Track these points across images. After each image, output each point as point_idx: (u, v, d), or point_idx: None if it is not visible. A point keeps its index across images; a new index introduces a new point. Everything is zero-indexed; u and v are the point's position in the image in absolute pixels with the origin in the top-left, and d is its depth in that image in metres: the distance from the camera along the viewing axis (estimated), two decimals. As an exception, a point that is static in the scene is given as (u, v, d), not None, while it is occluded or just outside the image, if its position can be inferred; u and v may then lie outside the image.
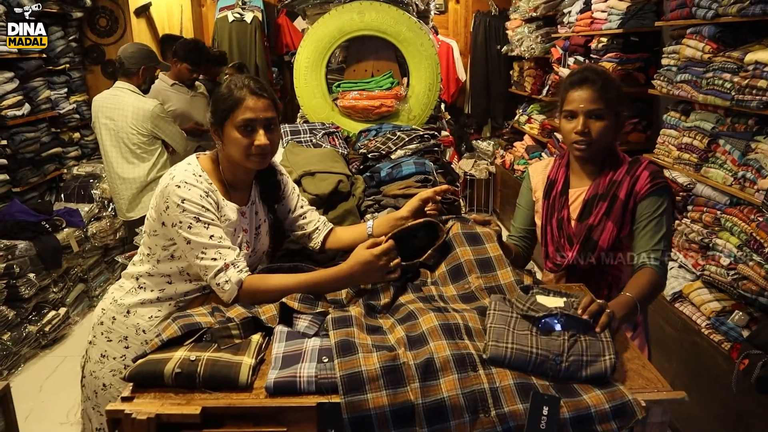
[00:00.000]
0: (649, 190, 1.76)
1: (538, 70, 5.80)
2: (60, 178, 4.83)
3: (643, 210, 1.77)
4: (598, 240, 1.79)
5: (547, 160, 2.03)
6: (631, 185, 1.78)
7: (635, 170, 1.80)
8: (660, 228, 1.75)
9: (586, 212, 1.83)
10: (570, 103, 1.78)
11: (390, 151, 2.55)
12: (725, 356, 2.56)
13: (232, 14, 6.02)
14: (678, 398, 1.20)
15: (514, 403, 1.16)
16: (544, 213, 1.93)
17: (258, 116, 1.61)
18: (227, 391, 1.21)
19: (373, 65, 3.19)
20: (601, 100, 1.74)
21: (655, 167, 1.81)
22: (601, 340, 1.28)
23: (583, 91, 1.76)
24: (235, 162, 1.66)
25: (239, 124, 1.60)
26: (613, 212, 1.79)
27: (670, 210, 1.80)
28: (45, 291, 3.96)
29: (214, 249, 1.55)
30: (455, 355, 1.23)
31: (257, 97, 1.61)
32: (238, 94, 1.60)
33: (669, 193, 1.80)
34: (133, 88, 3.53)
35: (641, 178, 1.78)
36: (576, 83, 1.78)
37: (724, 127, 2.92)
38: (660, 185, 1.77)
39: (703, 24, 2.97)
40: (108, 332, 1.74)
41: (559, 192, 1.89)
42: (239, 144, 1.61)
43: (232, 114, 1.60)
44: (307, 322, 1.38)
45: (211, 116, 1.66)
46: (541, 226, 1.95)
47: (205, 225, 1.56)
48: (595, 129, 1.76)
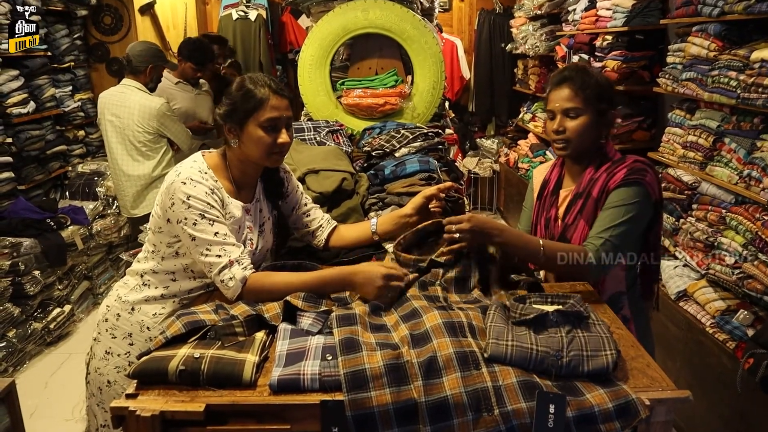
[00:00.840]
0: (618, 183, 1.69)
1: (542, 68, 5.78)
2: (65, 175, 4.84)
3: (608, 201, 1.69)
4: (571, 239, 1.77)
5: (552, 161, 2.02)
6: (605, 182, 1.73)
7: (615, 167, 1.74)
8: (613, 218, 1.65)
9: (567, 211, 1.82)
10: (549, 102, 1.79)
11: (394, 149, 2.55)
12: (730, 355, 2.55)
13: (237, 12, 6.02)
14: (682, 397, 1.19)
15: (517, 401, 1.16)
16: (535, 212, 1.95)
17: (282, 115, 1.63)
18: (231, 388, 1.21)
19: (378, 63, 3.19)
20: (578, 99, 1.72)
21: (639, 165, 1.72)
22: (600, 336, 1.28)
23: (561, 90, 1.75)
24: (252, 160, 1.67)
25: (264, 124, 1.60)
26: (585, 210, 1.75)
27: (638, 209, 1.67)
28: (50, 288, 3.98)
29: (218, 246, 1.55)
30: (458, 353, 1.23)
31: (280, 97, 1.63)
32: (261, 93, 1.61)
33: (641, 190, 1.68)
34: (140, 86, 3.54)
35: (617, 174, 1.71)
36: (555, 83, 1.77)
37: (729, 126, 2.90)
38: (631, 180, 1.68)
39: (708, 22, 2.96)
40: (112, 329, 1.75)
41: (550, 191, 1.90)
42: (263, 142, 1.61)
43: (256, 113, 1.61)
44: (311, 320, 1.38)
45: (228, 115, 1.64)
46: (532, 225, 1.96)
47: (210, 222, 1.56)
48: (570, 127, 1.74)
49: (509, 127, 6.77)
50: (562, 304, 1.41)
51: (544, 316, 1.32)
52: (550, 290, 1.66)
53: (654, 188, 1.71)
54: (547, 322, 1.32)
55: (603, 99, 1.75)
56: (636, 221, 1.69)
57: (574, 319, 1.32)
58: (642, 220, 1.72)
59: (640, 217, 1.70)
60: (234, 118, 1.64)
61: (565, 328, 1.30)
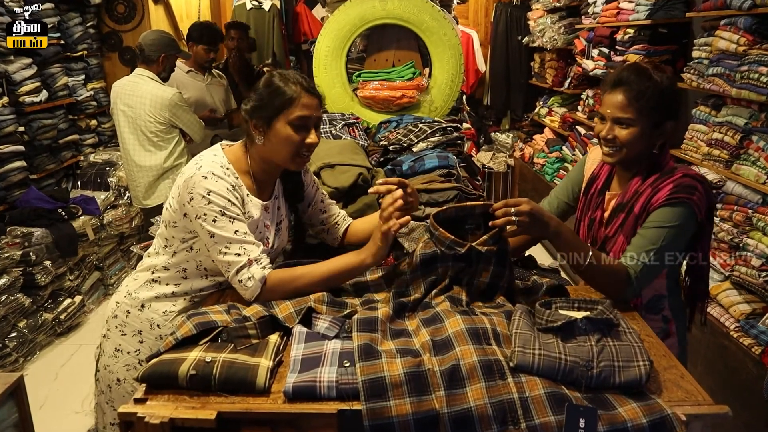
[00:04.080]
0: (662, 203, 1.58)
1: (560, 61, 5.68)
2: (77, 165, 4.82)
3: (650, 218, 1.59)
4: (610, 251, 1.69)
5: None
6: (648, 198, 1.62)
7: (662, 182, 1.61)
8: (654, 240, 1.55)
9: (609, 222, 1.73)
10: (602, 104, 1.66)
11: (411, 144, 2.49)
12: (756, 361, 2.47)
13: (251, 2, 5.96)
14: (721, 413, 1.13)
15: (545, 414, 1.10)
16: (580, 208, 1.85)
17: (312, 114, 1.57)
18: (244, 394, 1.16)
19: (395, 55, 3.12)
20: (631, 108, 1.58)
21: (687, 181, 1.59)
22: (631, 345, 1.22)
23: (616, 95, 1.61)
24: (275, 162, 1.61)
25: (294, 122, 1.54)
26: (625, 226, 1.66)
27: (679, 231, 1.57)
28: (61, 279, 3.96)
29: (238, 244, 1.50)
30: (482, 361, 1.17)
31: (311, 95, 1.57)
32: (292, 90, 1.55)
33: (685, 210, 1.57)
34: (153, 76, 3.49)
35: (662, 191, 1.59)
36: (611, 86, 1.63)
37: (758, 123, 2.81)
38: (676, 200, 1.56)
39: (738, 15, 2.86)
40: (122, 326, 1.71)
41: (598, 190, 1.80)
42: (291, 141, 1.55)
43: (286, 110, 1.54)
44: (327, 323, 1.32)
45: (255, 110, 1.58)
46: (576, 220, 1.87)
47: (231, 219, 1.50)
48: (621, 137, 1.61)
49: (524, 121, 6.68)
50: (591, 311, 1.34)
51: (572, 323, 1.26)
52: (574, 294, 1.59)
53: (701, 207, 1.58)
54: (575, 329, 1.25)
55: (660, 109, 1.60)
56: (676, 243, 1.59)
57: (603, 327, 1.26)
58: (683, 240, 1.61)
59: (680, 239, 1.60)
60: (262, 114, 1.57)
61: (595, 336, 1.24)
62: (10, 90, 3.96)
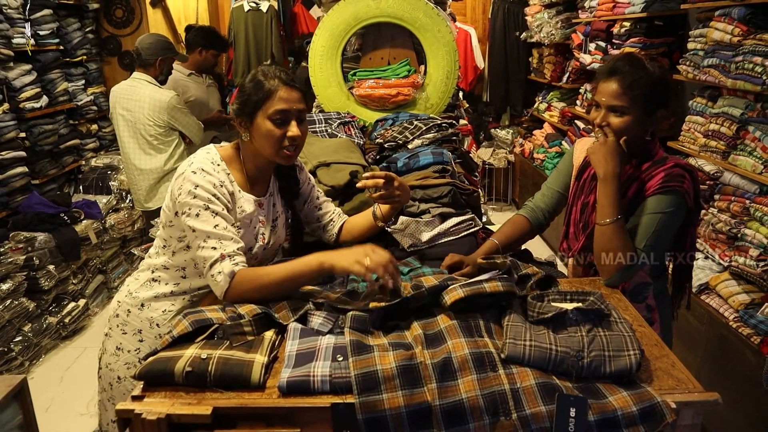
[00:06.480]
0: (654, 191, 1.65)
1: (558, 56, 5.67)
2: (78, 169, 4.85)
3: (643, 207, 1.67)
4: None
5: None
6: (641, 185, 1.68)
7: (654, 170, 1.69)
8: (647, 227, 1.63)
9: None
10: (598, 93, 1.71)
11: (407, 141, 2.50)
12: (755, 350, 2.47)
13: (248, 3, 5.97)
14: (711, 400, 1.14)
15: (536, 405, 1.11)
16: (572, 193, 1.89)
17: (291, 107, 1.57)
18: (239, 390, 1.17)
19: (390, 53, 3.13)
20: (625, 97, 1.64)
21: (678, 171, 1.66)
22: (622, 335, 1.23)
23: (610, 83, 1.66)
24: (263, 155, 1.62)
25: (273, 116, 1.56)
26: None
27: (671, 217, 1.65)
28: (64, 282, 3.99)
29: (216, 239, 1.49)
30: (474, 353, 1.18)
31: (290, 88, 1.58)
32: (270, 85, 1.56)
33: (677, 198, 1.64)
34: (150, 79, 3.51)
35: (655, 178, 1.66)
36: (606, 73, 1.69)
37: (754, 113, 2.81)
38: (668, 188, 1.63)
39: (732, 5, 2.86)
40: (123, 325, 1.73)
41: (591, 175, 1.82)
42: (271, 135, 1.57)
43: (264, 105, 1.56)
44: (321, 319, 1.34)
45: (239, 107, 1.61)
46: (567, 205, 1.91)
47: (213, 214, 1.51)
48: (615, 124, 1.67)
49: (524, 116, 6.68)
50: (582, 302, 1.35)
51: (563, 315, 1.27)
52: (567, 286, 1.61)
53: (690, 195, 1.66)
54: (566, 320, 1.27)
55: (653, 98, 1.65)
56: (668, 229, 1.67)
57: (594, 318, 1.27)
58: (673, 227, 1.69)
59: (673, 224, 1.68)
60: (244, 110, 1.60)
61: (586, 326, 1.25)
62: (10, 96, 3.99)
